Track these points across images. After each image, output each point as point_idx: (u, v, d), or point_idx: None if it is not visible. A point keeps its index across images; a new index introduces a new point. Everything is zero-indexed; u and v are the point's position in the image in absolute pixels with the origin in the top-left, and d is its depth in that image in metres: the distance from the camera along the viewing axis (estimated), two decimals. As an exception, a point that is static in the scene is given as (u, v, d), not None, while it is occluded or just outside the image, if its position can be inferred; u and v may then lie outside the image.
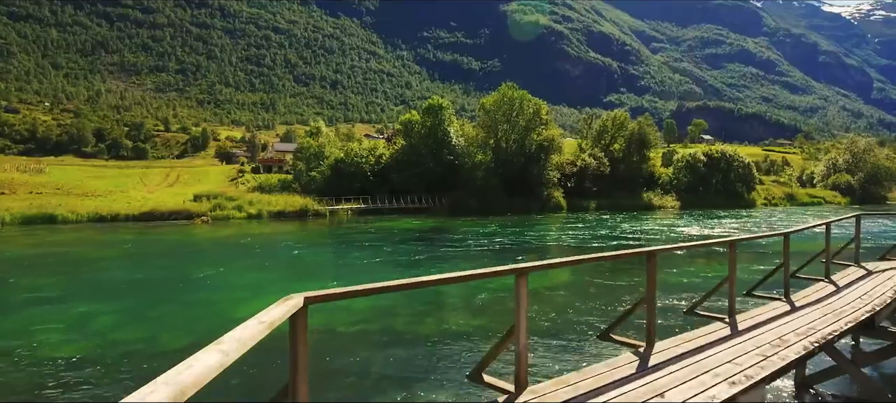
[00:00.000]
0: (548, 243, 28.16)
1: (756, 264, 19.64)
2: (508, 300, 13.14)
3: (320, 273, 19.43)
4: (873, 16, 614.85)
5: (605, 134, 62.90)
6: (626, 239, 29.27)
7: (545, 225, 39.12)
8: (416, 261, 21.38)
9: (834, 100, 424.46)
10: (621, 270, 17.84)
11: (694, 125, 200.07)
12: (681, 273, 17.82)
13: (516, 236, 30.24)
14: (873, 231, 32.10)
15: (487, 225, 36.89)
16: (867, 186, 78.48)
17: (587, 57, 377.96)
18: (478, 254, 23.40)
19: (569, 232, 32.97)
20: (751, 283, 9.15)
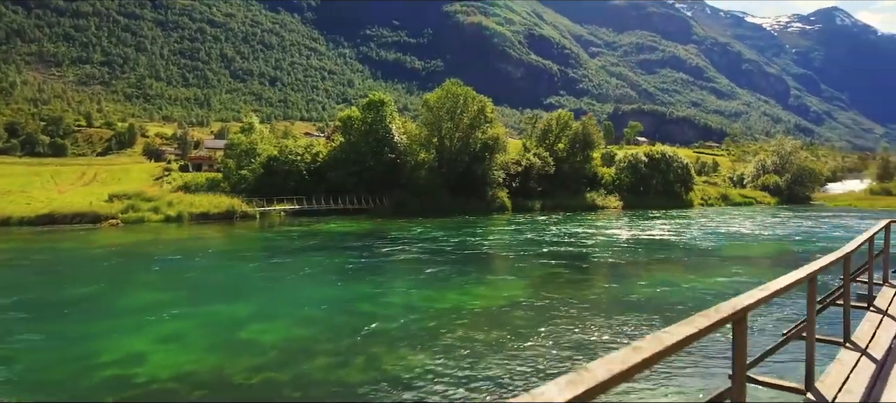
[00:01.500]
0: (495, 246, 26.43)
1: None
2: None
3: (230, 289, 16.40)
4: (790, 28, 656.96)
5: (549, 133, 62.32)
6: (578, 243, 27.94)
7: (491, 226, 37.55)
8: (351, 271, 19.05)
9: (756, 106, 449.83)
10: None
11: (630, 127, 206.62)
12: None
13: (462, 239, 28.39)
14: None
15: (431, 227, 34.91)
16: (793, 187, 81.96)
17: (528, 59, 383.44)
18: (421, 260, 21.33)
19: (517, 235, 31.42)
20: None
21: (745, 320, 2.96)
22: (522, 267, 19.09)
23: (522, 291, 14.49)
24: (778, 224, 41.11)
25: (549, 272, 18.15)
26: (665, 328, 1.96)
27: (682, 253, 23.66)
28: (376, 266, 19.83)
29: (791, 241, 29.27)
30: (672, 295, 14.37)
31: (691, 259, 21.77)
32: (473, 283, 15.75)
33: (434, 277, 17.12)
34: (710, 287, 15.57)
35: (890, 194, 78.88)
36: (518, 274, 17.84)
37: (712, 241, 28.41)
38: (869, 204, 71.11)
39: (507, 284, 15.52)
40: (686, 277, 17.05)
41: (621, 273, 17.98)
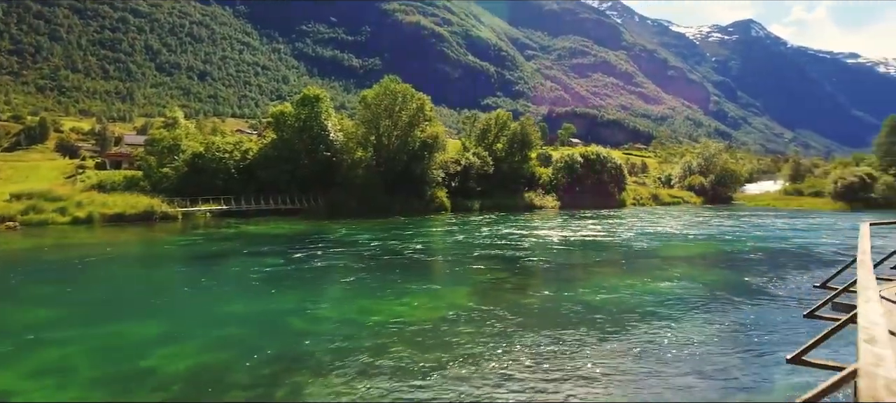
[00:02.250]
0: (435, 249, 25.41)
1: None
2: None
3: (136, 304, 14.25)
4: (711, 38, 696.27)
5: (488, 133, 62.11)
6: (519, 245, 27.35)
7: (430, 227, 36.56)
8: (279, 279, 17.44)
9: (680, 111, 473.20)
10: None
11: (564, 129, 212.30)
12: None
13: (400, 241, 27.19)
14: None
15: (368, 229, 33.49)
16: (717, 187, 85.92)
17: (466, 60, 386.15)
18: (357, 265, 19.98)
19: (457, 236, 30.55)
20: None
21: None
22: (465, 273, 18.16)
23: (466, 300, 13.54)
24: (707, 224, 42.42)
25: (492, 278, 17.32)
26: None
27: (623, 255, 23.52)
28: (307, 273, 18.32)
29: (722, 241, 29.95)
30: (618, 301, 13.82)
31: (633, 261, 21.59)
32: (414, 292, 14.64)
33: (371, 285, 15.89)
34: (655, 292, 15.19)
35: (801, 194, 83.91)
36: (460, 280, 16.88)
37: (649, 242, 28.63)
38: (784, 203, 75.45)
39: (450, 292, 14.53)
40: (630, 281, 16.64)
41: (566, 277, 17.39)
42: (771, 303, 14.05)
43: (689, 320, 12.07)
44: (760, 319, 12.39)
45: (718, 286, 16.33)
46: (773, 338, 10.81)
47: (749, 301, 14.33)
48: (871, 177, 71.56)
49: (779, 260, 22.59)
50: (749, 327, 11.59)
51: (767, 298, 14.67)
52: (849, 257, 21.76)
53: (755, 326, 11.73)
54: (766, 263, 21.49)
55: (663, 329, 11.21)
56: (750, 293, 15.30)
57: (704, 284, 16.55)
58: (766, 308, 13.56)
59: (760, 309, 13.34)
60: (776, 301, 14.39)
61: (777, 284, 16.72)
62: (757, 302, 14.19)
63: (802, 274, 19.02)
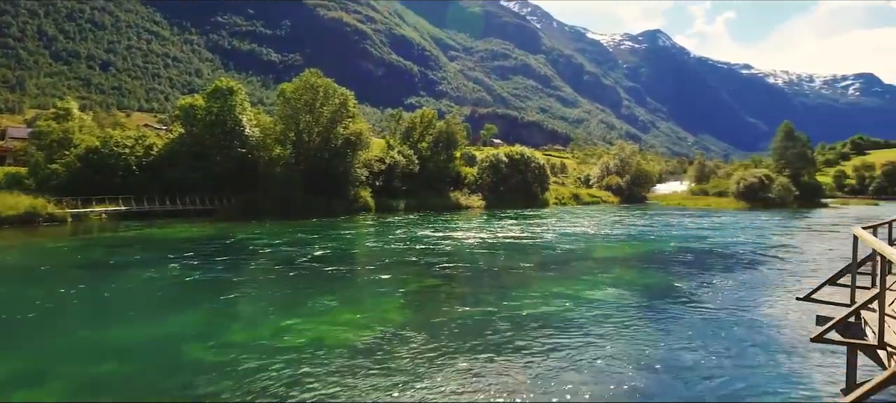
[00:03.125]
0: (361, 254, 23.84)
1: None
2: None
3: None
4: (623, 45, 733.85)
5: (413, 131, 60.92)
6: (449, 248, 26.32)
7: (354, 229, 34.82)
8: (181, 293, 15.28)
9: (595, 114, 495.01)
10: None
11: (486, 129, 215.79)
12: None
13: (322, 245, 25.35)
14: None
15: (287, 231, 31.27)
16: (632, 187, 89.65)
17: (390, 58, 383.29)
18: (274, 274, 18.09)
19: (383, 239, 29.06)
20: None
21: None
22: (392, 281, 16.76)
23: (395, 314, 12.19)
24: (629, 224, 43.45)
25: (422, 286, 16.04)
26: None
27: (556, 258, 23.05)
28: (214, 285, 16.23)
29: (648, 242, 30.40)
30: (557, 313, 13.00)
31: (566, 266, 21.10)
32: (337, 306, 13.07)
33: (289, 299, 14.14)
34: (594, 301, 14.57)
35: (707, 194, 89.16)
36: (388, 290, 15.46)
37: (579, 244, 28.53)
38: (693, 203, 79.83)
39: (377, 305, 13.11)
40: (567, 289, 15.97)
41: (501, 285, 16.43)
42: (706, 309, 13.77)
43: (630, 329, 11.43)
44: (696, 326, 11.97)
45: (654, 292, 16.01)
46: (713, 346, 10.33)
47: (683, 306, 14.00)
48: (769, 178, 77.11)
49: (705, 261, 22.94)
50: (683, 338, 11.09)
51: (702, 302, 14.43)
52: (769, 255, 22.62)
53: (688, 335, 11.25)
54: (693, 265, 21.71)
55: (608, 341, 10.45)
56: (684, 297, 15.04)
57: (642, 290, 16.19)
58: (701, 313, 13.24)
59: (695, 315, 12.99)
60: (714, 307, 14.15)
61: (710, 288, 16.66)
62: (692, 306, 13.88)
63: (728, 276, 19.23)
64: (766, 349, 10.28)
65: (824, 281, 8.11)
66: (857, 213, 65.39)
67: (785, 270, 20.19)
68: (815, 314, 7.93)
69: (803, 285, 17.01)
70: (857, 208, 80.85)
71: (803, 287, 16.62)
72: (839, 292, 8.50)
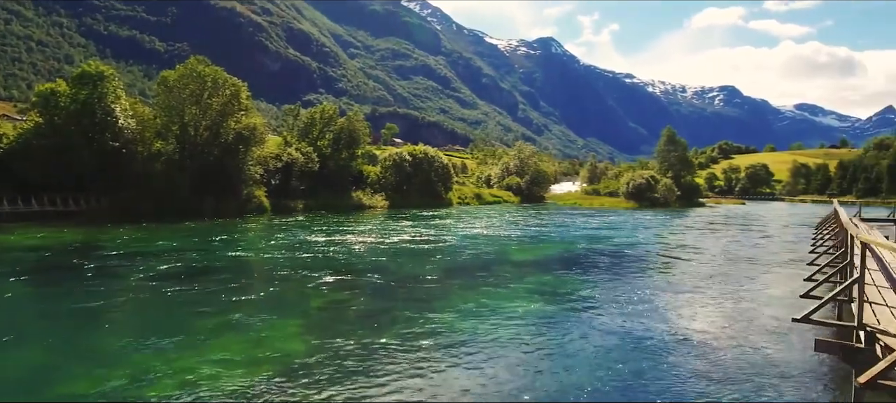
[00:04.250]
0: (255, 263, 21.25)
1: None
2: None
3: None
4: (519, 51, 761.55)
5: (312, 128, 57.69)
6: (355, 253, 24.44)
7: (248, 233, 31.73)
8: (30, 319, 12.27)
9: (493, 116, 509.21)
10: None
11: (387, 128, 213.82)
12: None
13: (208, 253, 22.40)
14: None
15: (167, 237, 27.68)
16: (531, 187, 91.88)
17: (287, 53, 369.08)
18: (152, 291, 15.29)
19: (281, 244, 26.51)
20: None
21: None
22: (291, 297, 14.61)
23: (297, 342, 10.15)
24: (533, 224, 43.75)
25: (327, 302, 14.01)
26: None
27: (468, 263, 21.97)
28: (77, 305, 13.26)
29: (557, 243, 30.36)
30: (484, 331, 11.77)
31: (481, 271, 19.99)
32: (225, 332, 10.71)
33: (161, 325, 11.61)
34: (524, 312, 13.57)
35: (599, 194, 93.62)
36: (286, 309, 13.34)
37: (488, 245, 27.79)
38: (588, 202, 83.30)
39: (274, 330, 11.01)
40: (488, 299, 14.85)
41: (416, 296, 14.85)
42: (625, 314, 13.22)
43: (556, 346, 10.45)
44: (614, 336, 11.27)
45: (577, 297, 15.33)
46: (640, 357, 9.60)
47: (609, 315, 13.37)
48: (655, 179, 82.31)
49: (620, 264, 22.92)
50: (605, 349, 10.30)
51: (627, 312, 13.90)
52: (675, 256, 23.06)
53: (610, 344, 10.50)
54: (608, 268, 21.56)
55: (532, 364, 9.36)
56: (608, 306, 14.47)
57: (563, 299, 15.44)
58: (622, 319, 12.63)
59: (616, 323, 12.34)
60: (634, 312, 13.64)
61: (635, 294, 16.30)
62: (615, 315, 13.28)
63: (648, 279, 19.16)
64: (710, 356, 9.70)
65: (821, 302, 7.91)
66: (729, 211, 71.43)
67: (700, 272, 20.53)
68: (814, 338, 7.52)
69: (726, 287, 17.19)
70: (728, 206, 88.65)
71: (721, 288, 16.75)
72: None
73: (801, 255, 24.35)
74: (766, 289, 16.48)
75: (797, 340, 10.94)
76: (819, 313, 7.48)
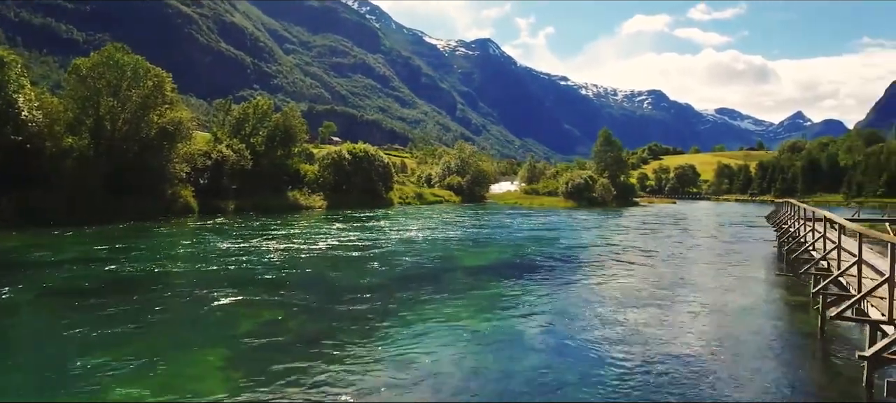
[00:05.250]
0: (179, 272, 19.08)
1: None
2: None
3: None
4: (457, 51, 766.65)
5: (245, 123, 54.56)
6: (292, 259, 22.68)
7: (170, 237, 29.11)
8: None
9: (432, 116, 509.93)
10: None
11: (325, 127, 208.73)
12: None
13: (125, 263, 19.98)
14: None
15: (78, 242, 24.83)
16: (472, 186, 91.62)
17: (218, 47, 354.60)
18: (58, 308, 13.12)
19: (210, 249, 24.30)
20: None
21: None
22: (217, 316, 12.65)
23: (224, 380, 8.38)
24: (480, 224, 43.09)
25: (259, 322, 11.97)
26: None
27: (419, 270, 20.70)
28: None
29: (505, 245, 29.67)
30: (440, 349, 10.67)
31: (432, 280, 18.67)
32: (139, 368, 8.70)
33: (57, 356, 9.70)
34: (483, 330, 12.55)
35: (538, 193, 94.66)
36: (212, 332, 11.36)
37: (437, 249, 26.71)
38: (528, 202, 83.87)
39: (196, 363, 9.20)
40: (444, 314, 13.74)
41: (360, 314, 13.18)
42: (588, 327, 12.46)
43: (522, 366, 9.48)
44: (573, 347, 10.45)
45: (533, 310, 14.47)
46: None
47: (569, 329, 12.56)
48: (593, 179, 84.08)
49: (575, 267, 22.37)
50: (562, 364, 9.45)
51: (587, 319, 13.14)
52: (627, 259, 22.63)
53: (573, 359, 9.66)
54: (562, 272, 20.95)
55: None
56: (567, 318, 13.67)
57: (518, 309, 14.52)
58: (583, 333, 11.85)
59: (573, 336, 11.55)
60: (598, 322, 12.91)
61: (589, 300, 15.64)
62: (575, 328, 12.50)
63: (600, 283, 18.62)
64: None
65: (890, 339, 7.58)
66: (662, 210, 73.81)
67: (660, 278, 20.22)
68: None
69: (693, 294, 16.83)
70: (661, 205, 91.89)
71: (687, 295, 16.35)
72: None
73: (747, 254, 24.79)
74: (733, 296, 16.26)
75: (791, 354, 10.47)
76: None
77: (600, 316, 12.77)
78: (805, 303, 14.35)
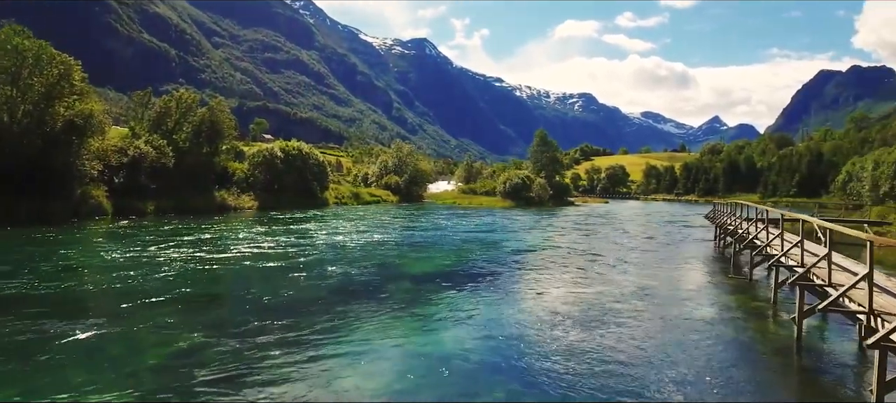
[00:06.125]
0: (80, 291, 16.69)
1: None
2: None
3: None
4: (394, 50, 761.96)
5: (167, 118, 50.66)
6: (221, 267, 20.66)
7: (77, 243, 26.06)
8: None
9: (368, 114, 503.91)
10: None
11: (256, 124, 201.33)
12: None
13: (21, 277, 17.33)
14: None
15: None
16: (410, 186, 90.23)
17: (140, 38, 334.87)
18: None
19: (123, 257, 21.76)
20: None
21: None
22: (128, 341, 10.66)
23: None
24: (421, 225, 41.94)
25: (176, 350, 10.06)
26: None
27: (351, 277, 19.25)
28: None
29: (454, 246, 28.64)
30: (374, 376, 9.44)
31: (371, 292, 17.37)
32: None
33: None
34: (439, 351, 11.39)
35: (476, 193, 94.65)
36: (117, 364, 9.35)
37: (379, 252, 25.28)
38: (467, 201, 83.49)
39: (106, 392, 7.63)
40: (386, 331, 12.48)
41: (291, 338, 11.67)
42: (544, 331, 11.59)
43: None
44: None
45: (486, 325, 13.47)
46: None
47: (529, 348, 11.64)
48: (530, 178, 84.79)
49: (524, 273, 21.61)
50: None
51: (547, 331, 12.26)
52: (577, 263, 22.05)
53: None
54: (515, 280, 20.12)
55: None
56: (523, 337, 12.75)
57: (468, 324, 13.48)
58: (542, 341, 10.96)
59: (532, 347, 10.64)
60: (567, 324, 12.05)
61: (546, 313, 14.79)
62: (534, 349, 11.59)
63: (553, 289, 17.89)
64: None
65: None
66: (595, 210, 75.42)
67: (615, 286, 19.73)
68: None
69: (655, 300, 16.34)
70: (594, 205, 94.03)
71: (652, 302, 15.83)
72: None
73: (692, 256, 24.97)
74: (693, 305, 15.88)
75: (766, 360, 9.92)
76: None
77: (551, 333, 11.92)
78: (765, 307, 14.12)
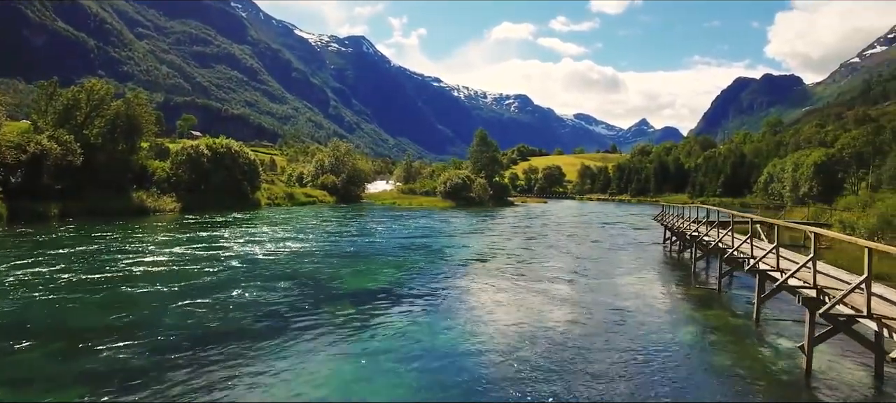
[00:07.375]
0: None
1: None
2: None
3: None
4: (330, 47, 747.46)
5: (76, 111, 45.83)
6: (136, 283, 18.02)
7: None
8: None
9: (303, 112, 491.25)
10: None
11: (184, 120, 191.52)
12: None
13: None
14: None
15: None
16: (348, 186, 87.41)
17: (54, 26, 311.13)
18: None
19: (20, 273, 18.64)
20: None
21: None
22: (8, 382, 8.60)
23: None
24: (359, 230, 39.93)
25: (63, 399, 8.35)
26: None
27: (281, 295, 17.18)
28: None
29: (395, 253, 26.85)
30: None
31: (305, 311, 15.46)
32: None
33: None
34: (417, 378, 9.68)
35: (415, 193, 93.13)
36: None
37: (314, 263, 23.16)
38: (407, 201, 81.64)
39: None
40: (323, 355, 10.70)
41: (203, 379, 9.96)
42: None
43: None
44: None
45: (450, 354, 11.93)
46: None
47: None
48: (470, 178, 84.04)
49: (476, 285, 20.16)
50: None
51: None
52: (525, 271, 20.78)
53: None
54: (462, 296, 18.65)
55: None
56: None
57: (427, 353, 11.91)
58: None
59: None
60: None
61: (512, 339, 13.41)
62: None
63: (516, 309, 16.52)
64: None
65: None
66: (534, 210, 75.58)
67: (577, 303, 18.59)
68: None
69: (624, 317, 15.24)
70: (533, 205, 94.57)
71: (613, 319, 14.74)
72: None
73: (646, 264, 24.44)
74: (669, 326, 14.90)
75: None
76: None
77: (516, 355, 10.53)
78: (747, 326, 13.08)
